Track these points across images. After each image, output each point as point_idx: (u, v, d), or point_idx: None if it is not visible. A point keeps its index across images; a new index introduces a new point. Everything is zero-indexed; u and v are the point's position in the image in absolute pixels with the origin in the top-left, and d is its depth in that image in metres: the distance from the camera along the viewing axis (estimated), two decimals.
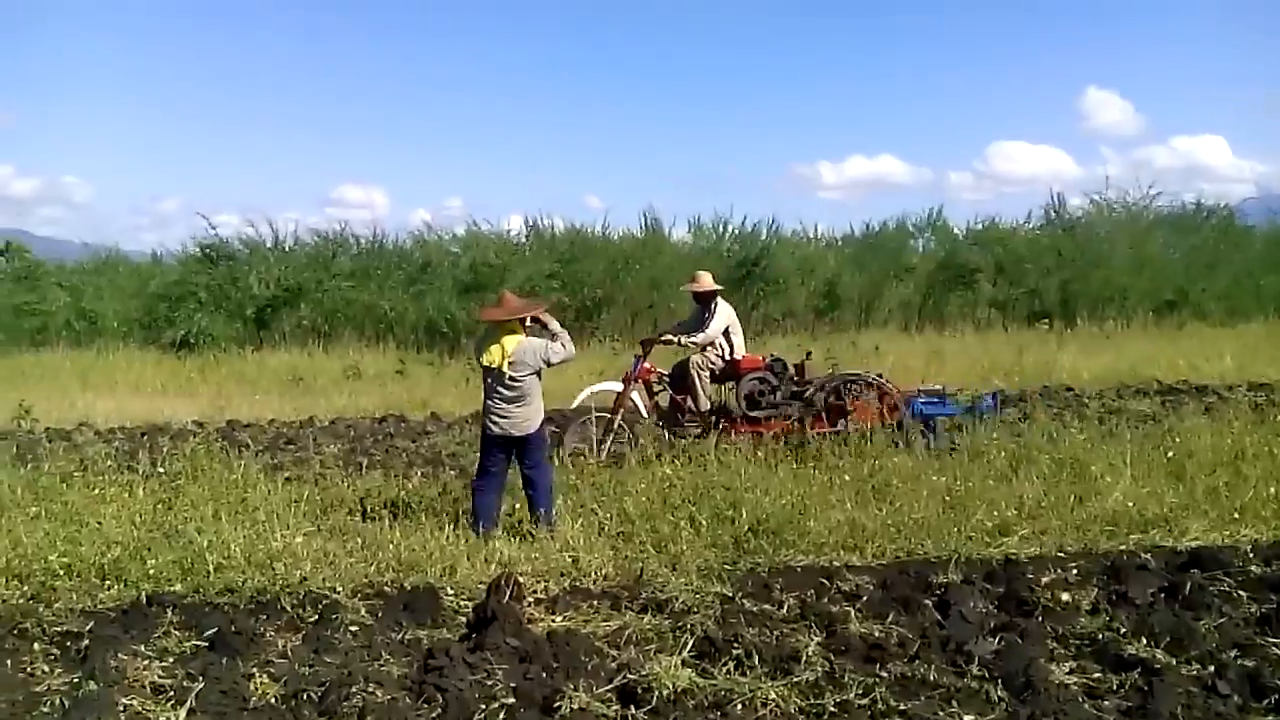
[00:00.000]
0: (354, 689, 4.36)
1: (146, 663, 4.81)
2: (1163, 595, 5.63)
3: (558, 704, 4.20)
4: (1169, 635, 4.96)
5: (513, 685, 4.41)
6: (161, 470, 8.98)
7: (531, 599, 5.76)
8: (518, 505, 7.51)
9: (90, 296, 24.64)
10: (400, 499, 7.96)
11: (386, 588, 6.01)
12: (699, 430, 9.49)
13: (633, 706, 4.28)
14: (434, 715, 4.19)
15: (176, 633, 5.20)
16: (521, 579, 5.77)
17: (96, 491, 7.53)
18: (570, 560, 6.45)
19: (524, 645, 4.86)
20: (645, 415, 9.90)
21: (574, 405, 10.34)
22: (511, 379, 7.12)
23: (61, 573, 6.08)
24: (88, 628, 5.30)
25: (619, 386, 9.92)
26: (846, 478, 7.89)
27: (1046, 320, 23.74)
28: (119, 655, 4.84)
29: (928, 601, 5.59)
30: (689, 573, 6.17)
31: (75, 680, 4.63)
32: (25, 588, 5.96)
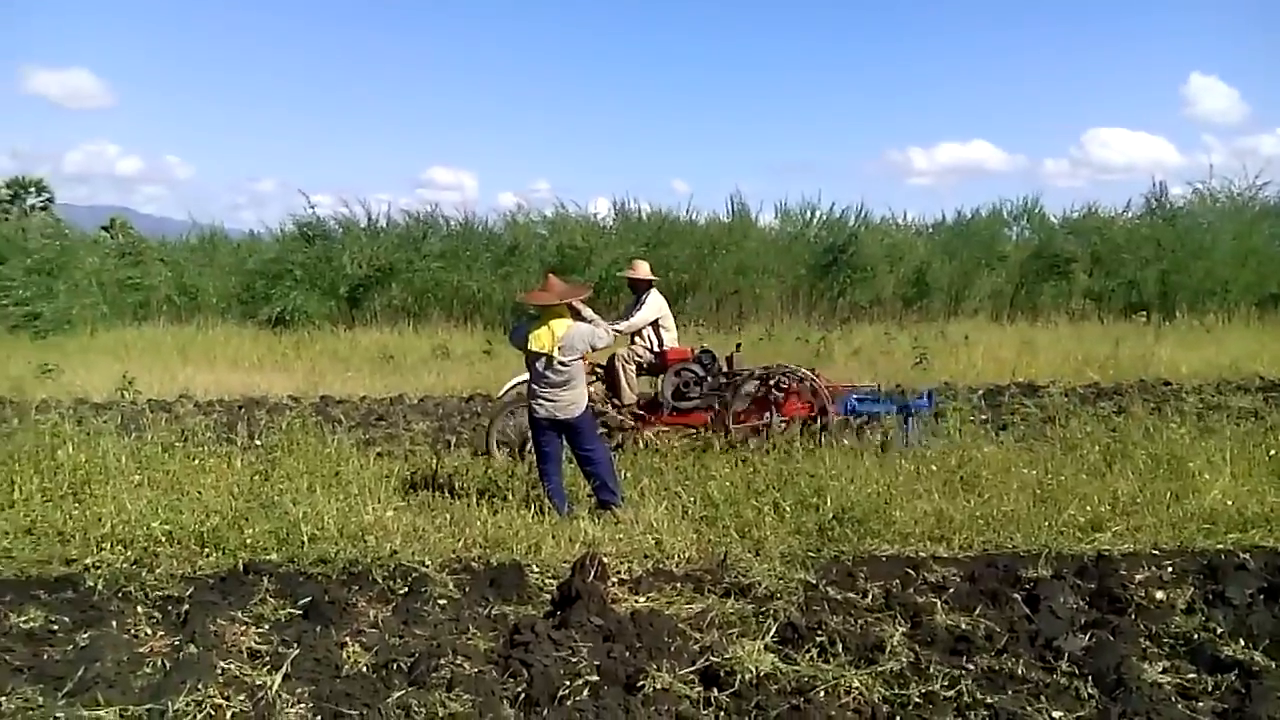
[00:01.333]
0: (442, 661, 4.44)
1: (244, 628, 4.97)
2: (1262, 596, 5.43)
3: (641, 683, 4.23)
4: (1268, 637, 4.80)
5: (596, 663, 4.45)
6: (258, 443, 9.26)
7: (615, 579, 5.80)
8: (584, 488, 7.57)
9: (191, 273, 25.43)
10: (487, 477, 8.07)
11: (474, 563, 6.11)
12: (630, 424, 9.35)
13: (715, 689, 4.29)
14: (519, 689, 4.24)
15: (272, 600, 5.36)
16: (605, 559, 5.81)
17: (196, 462, 7.81)
18: (653, 542, 6.48)
19: (608, 624, 4.90)
20: None
21: (500, 394, 10.20)
22: (560, 364, 7.14)
23: (163, 539, 6.33)
24: (188, 593, 5.49)
25: None
26: (934, 468, 7.78)
27: (1144, 312, 23.02)
28: (217, 620, 5.01)
29: (1016, 595, 5.48)
30: (772, 558, 6.15)
31: (176, 643, 4.81)
32: (129, 553, 6.20)
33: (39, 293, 22.85)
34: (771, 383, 9.14)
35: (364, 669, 4.50)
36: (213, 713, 3.96)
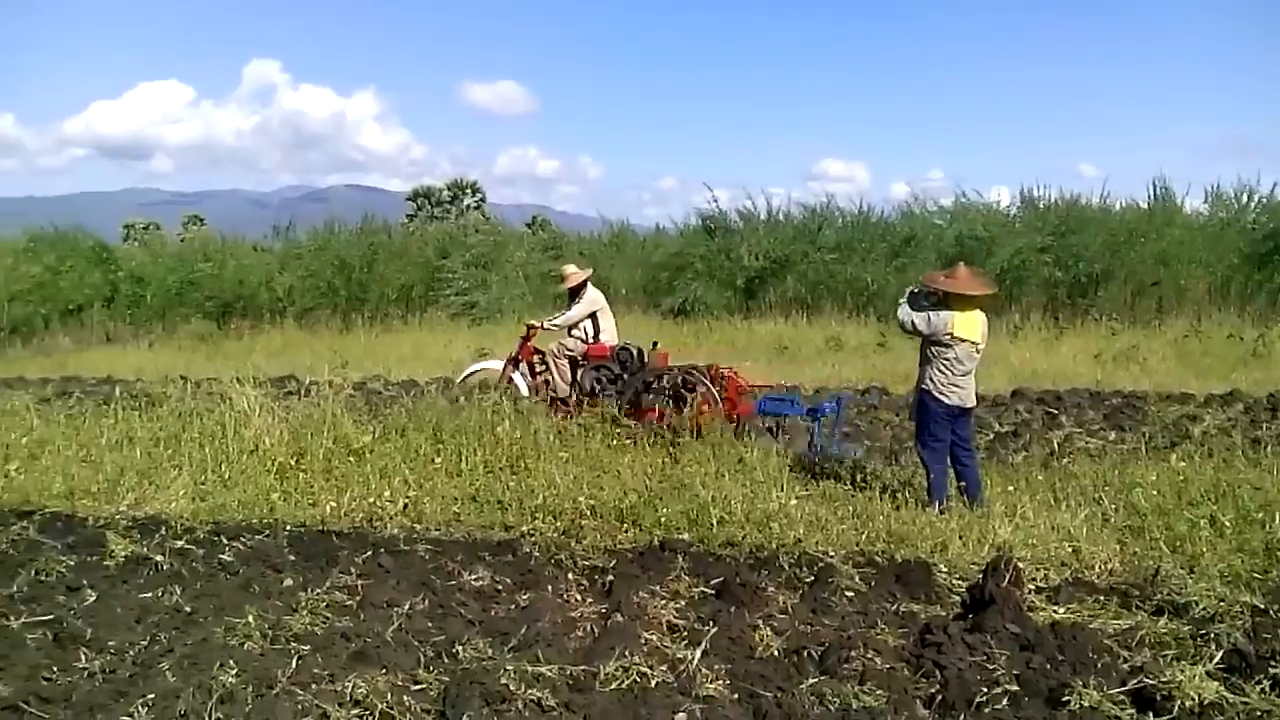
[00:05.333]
0: (852, 653, 4.45)
1: (662, 603, 5.25)
2: None
3: (1066, 698, 4.00)
4: None
5: (1015, 673, 4.26)
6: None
7: (1031, 587, 5.53)
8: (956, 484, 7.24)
9: (603, 265, 27.23)
10: (890, 474, 7.98)
11: (878, 557, 6.07)
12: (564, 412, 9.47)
13: (1150, 713, 3.97)
14: (932, 690, 4.16)
15: (686, 578, 5.62)
16: (1019, 564, 5.55)
17: (614, 442, 8.32)
18: (1070, 550, 6.13)
19: (1025, 633, 4.68)
20: (527, 394, 10.19)
21: (459, 381, 10.81)
22: (977, 352, 7.11)
23: (588, 513, 6.84)
24: (611, 565, 5.90)
25: (500, 365, 10.77)
26: None
27: None
28: (639, 593, 5.33)
29: None
30: (1210, 578, 5.56)
31: (603, 610, 5.18)
32: (559, 523, 6.76)
33: (475, 284, 25.47)
34: (678, 381, 9.29)
35: (775, 653, 4.60)
36: (639, 679, 4.21)
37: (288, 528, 6.62)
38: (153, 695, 3.96)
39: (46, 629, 4.72)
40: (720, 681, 4.25)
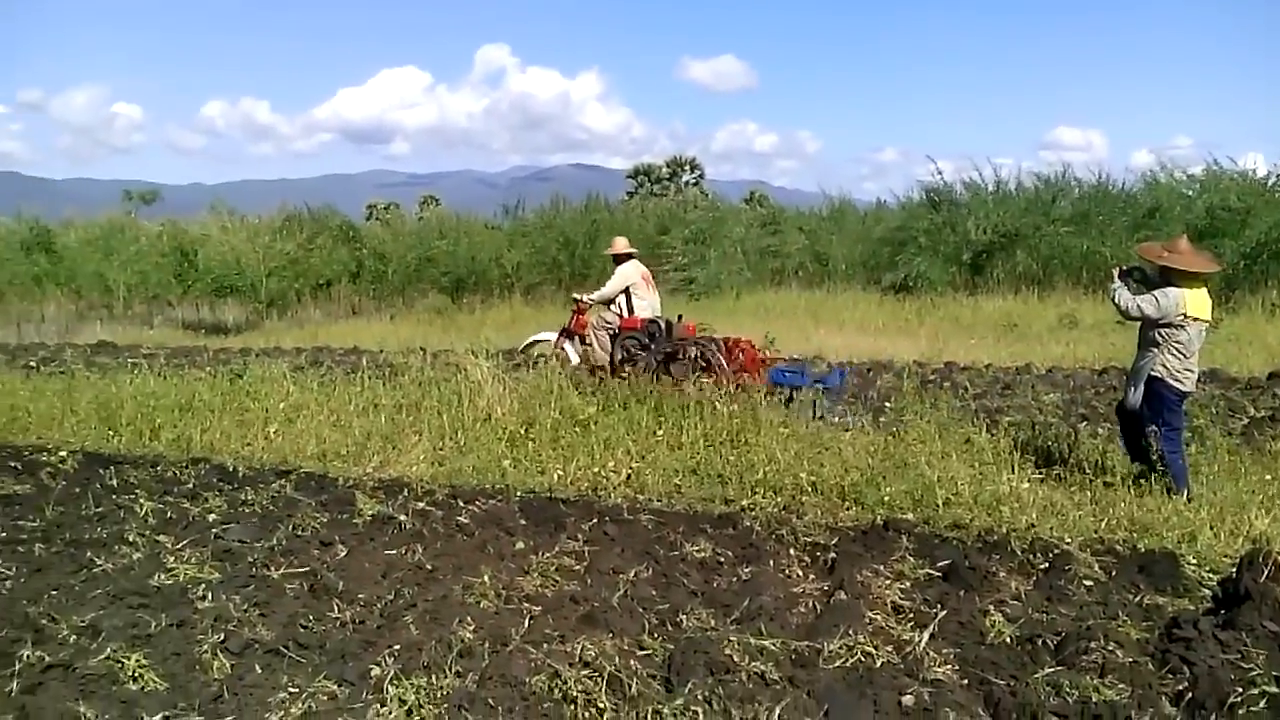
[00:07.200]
0: (1091, 644, 4.24)
1: (886, 583, 5.15)
2: None
3: None
4: None
5: (1275, 674, 3.95)
6: (887, 405, 9.54)
7: None
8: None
9: (823, 240, 26.89)
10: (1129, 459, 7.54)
11: (1118, 546, 5.76)
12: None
13: None
14: (1180, 688, 3.91)
15: (911, 559, 5.49)
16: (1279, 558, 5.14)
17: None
18: None
19: None
20: (576, 363, 10.84)
21: (520, 350, 11.49)
22: (1205, 333, 6.77)
23: (808, 489, 6.79)
24: (833, 542, 5.83)
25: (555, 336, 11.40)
26: None
27: None
28: (862, 572, 5.25)
29: None
30: None
31: (825, 587, 5.13)
32: (779, 499, 6.74)
33: (694, 259, 25.71)
34: (697, 351, 9.74)
35: (1008, 640, 4.44)
36: (863, 658, 4.17)
37: (518, 493, 6.89)
38: (397, 646, 4.23)
39: (302, 580, 5.11)
40: (949, 666, 4.14)
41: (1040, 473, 7.18)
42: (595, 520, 6.20)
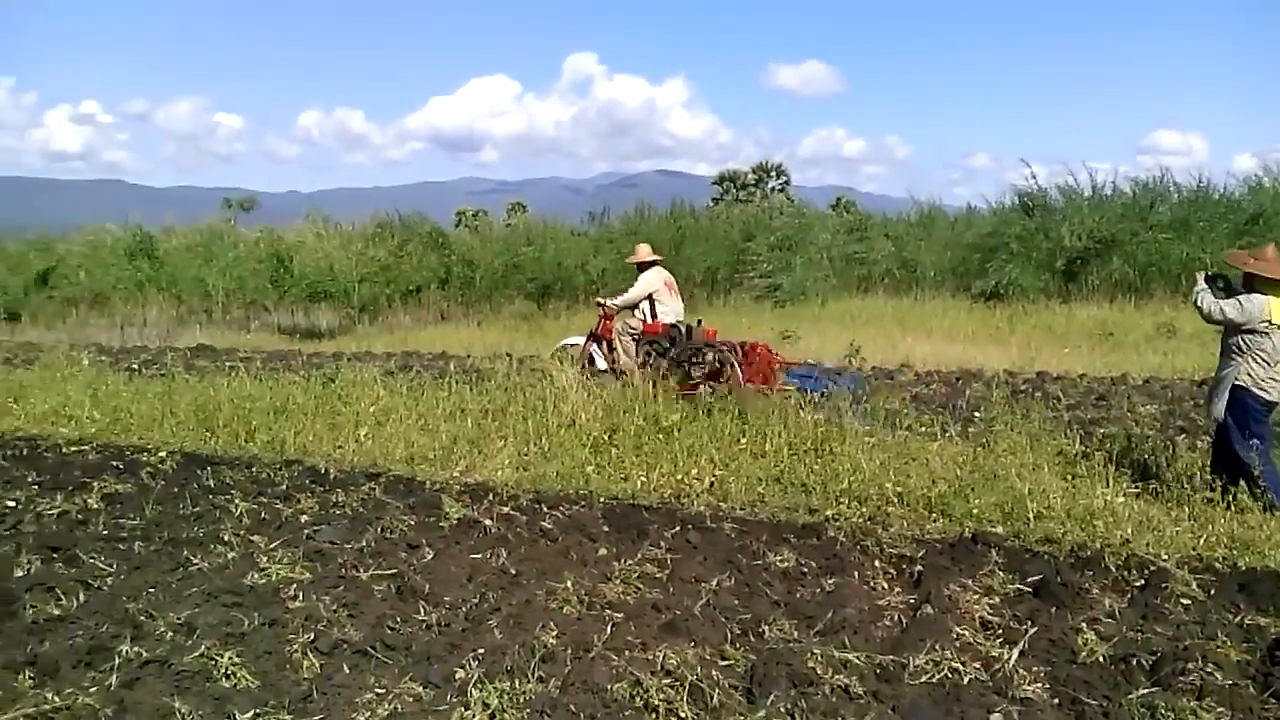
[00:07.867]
0: (1189, 665, 4.11)
1: (975, 597, 5.06)
2: None
3: None
4: None
5: None
6: (977, 415, 9.37)
7: None
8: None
9: (911, 246, 26.51)
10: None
11: (1218, 563, 5.58)
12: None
13: None
14: None
15: (1000, 573, 5.37)
16: None
17: (924, 430, 8.06)
18: None
19: None
20: (604, 368, 10.96)
21: (550, 355, 11.31)
22: None
23: (894, 500, 6.69)
24: (919, 554, 5.73)
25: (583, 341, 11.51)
26: None
27: None
28: (949, 585, 5.15)
29: None
30: None
31: (911, 601, 5.05)
32: (864, 509, 6.65)
33: (779, 266, 25.56)
34: (715, 356, 9.87)
35: (1100, 659, 4.32)
36: (950, 674, 4.09)
37: (602, 500, 6.91)
38: (482, 650, 4.28)
39: (390, 582, 5.20)
40: (1039, 684, 4.05)
41: (1136, 487, 6.98)
42: (678, 528, 6.19)
